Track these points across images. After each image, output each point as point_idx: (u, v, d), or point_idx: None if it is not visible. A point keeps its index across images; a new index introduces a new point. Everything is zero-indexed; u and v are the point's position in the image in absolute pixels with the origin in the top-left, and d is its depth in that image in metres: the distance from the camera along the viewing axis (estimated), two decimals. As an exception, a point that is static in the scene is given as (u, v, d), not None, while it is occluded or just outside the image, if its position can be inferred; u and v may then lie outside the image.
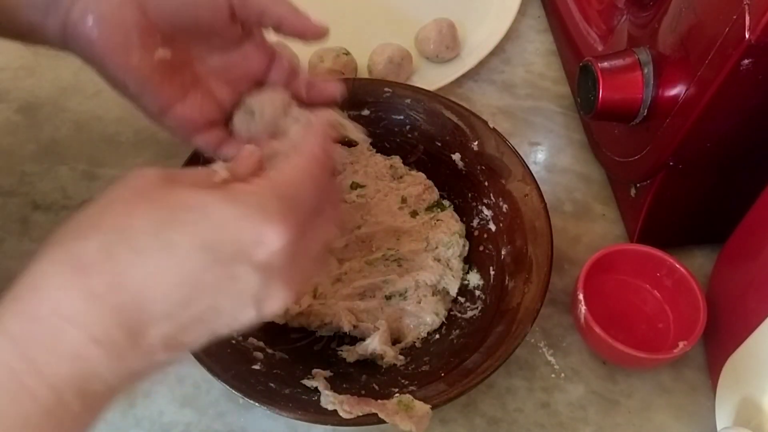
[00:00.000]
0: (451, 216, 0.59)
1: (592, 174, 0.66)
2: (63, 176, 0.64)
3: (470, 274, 0.57)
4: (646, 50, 0.52)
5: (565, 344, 0.56)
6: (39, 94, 0.69)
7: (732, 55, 0.43)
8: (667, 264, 0.55)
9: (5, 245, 0.60)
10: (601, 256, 0.54)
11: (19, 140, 0.66)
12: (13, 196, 0.63)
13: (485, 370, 0.47)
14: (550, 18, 0.76)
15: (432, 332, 0.55)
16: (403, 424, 0.45)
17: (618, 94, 0.52)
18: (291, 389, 0.48)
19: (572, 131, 0.68)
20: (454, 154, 0.59)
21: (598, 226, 0.63)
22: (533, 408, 0.53)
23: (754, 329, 0.46)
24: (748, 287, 0.49)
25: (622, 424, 0.53)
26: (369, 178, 0.59)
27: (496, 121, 0.59)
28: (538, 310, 0.49)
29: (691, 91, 0.47)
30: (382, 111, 0.60)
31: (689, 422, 0.53)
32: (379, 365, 0.52)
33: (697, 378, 0.55)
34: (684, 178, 0.53)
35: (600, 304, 0.53)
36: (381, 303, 0.54)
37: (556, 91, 0.71)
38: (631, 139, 0.56)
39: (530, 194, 0.54)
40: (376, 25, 0.75)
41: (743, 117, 0.48)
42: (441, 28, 0.70)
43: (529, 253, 0.53)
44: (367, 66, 0.70)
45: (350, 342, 0.54)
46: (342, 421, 0.45)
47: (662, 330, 0.55)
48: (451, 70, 0.70)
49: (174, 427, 0.52)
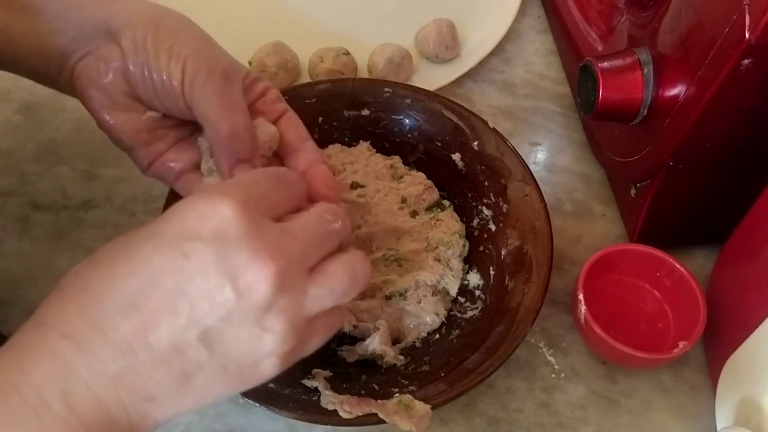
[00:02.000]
0: (451, 216, 0.59)
1: (592, 174, 0.66)
2: (63, 176, 0.64)
3: (470, 274, 0.57)
4: (646, 50, 0.52)
5: (565, 344, 0.56)
6: (39, 94, 0.69)
7: (732, 55, 0.43)
8: (667, 264, 0.55)
9: (5, 245, 0.60)
10: (601, 256, 0.54)
11: (19, 140, 0.66)
12: (13, 196, 0.63)
13: (485, 370, 0.47)
14: (550, 18, 0.76)
15: (432, 332, 0.54)
16: (403, 424, 0.45)
17: (618, 94, 0.52)
18: (291, 389, 0.48)
19: (572, 131, 0.68)
20: (454, 154, 0.59)
21: (598, 226, 0.63)
22: (533, 408, 0.53)
23: (754, 329, 0.46)
24: (748, 287, 0.49)
25: (622, 424, 0.53)
26: (369, 178, 0.59)
27: (496, 121, 0.59)
28: (538, 310, 0.49)
29: (691, 91, 0.47)
30: (382, 111, 0.60)
31: (689, 422, 0.53)
32: (379, 365, 0.52)
33: (697, 378, 0.55)
34: (684, 178, 0.53)
35: (600, 304, 0.53)
36: (381, 303, 0.54)
37: (556, 91, 0.71)
38: (631, 139, 0.56)
39: (530, 194, 0.54)
40: (376, 25, 0.75)
41: (743, 117, 0.48)
42: (441, 28, 0.70)
43: (529, 253, 0.53)
44: (367, 66, 0.70)
45: (350, 342, 0.54)
46: (342, 421, 0.45)
47: (662, 330, 0.55)
48: (451, 70, 0.70)
49: (174, 427, 0.52)
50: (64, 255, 0.60)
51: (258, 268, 0.32)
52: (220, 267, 0.32)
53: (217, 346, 0.33)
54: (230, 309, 0.32)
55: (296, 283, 0.34)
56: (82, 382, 0.31)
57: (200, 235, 0.32)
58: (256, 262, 0.32)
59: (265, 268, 0.32)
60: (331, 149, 0.60)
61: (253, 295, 0.32)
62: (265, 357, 0.34)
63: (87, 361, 0.31)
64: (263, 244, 0.32)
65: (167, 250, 0.32)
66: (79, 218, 0.62)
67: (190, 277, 0.32)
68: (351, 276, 0.36)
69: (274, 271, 0.32)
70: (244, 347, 0.33)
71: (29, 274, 0.59)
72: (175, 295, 0.32)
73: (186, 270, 0.32)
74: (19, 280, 0.58)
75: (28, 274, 0.59)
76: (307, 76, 0.69)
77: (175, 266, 0.32)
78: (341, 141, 0.61)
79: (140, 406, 0.32)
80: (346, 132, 0.61)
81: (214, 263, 0.32)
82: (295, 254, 0.34)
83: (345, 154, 0.60)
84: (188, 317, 0.32)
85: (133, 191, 0.63)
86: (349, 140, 0.61)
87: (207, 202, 0.33)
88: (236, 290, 0.32)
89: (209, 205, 0.33)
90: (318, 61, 0.68)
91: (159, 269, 0.32)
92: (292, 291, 0.33)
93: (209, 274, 0.32)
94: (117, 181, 0.63)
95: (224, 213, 0.32)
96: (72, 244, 0.60)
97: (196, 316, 0.32)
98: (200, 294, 0.32)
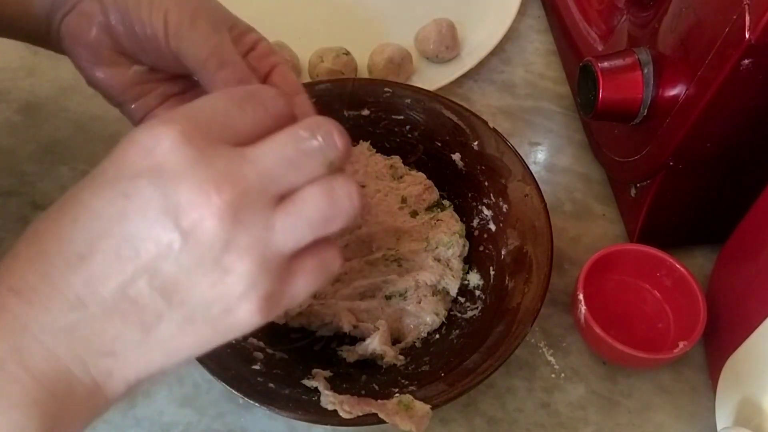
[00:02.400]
0: (451, 216, 0.59)
1: (592, 174, 0.66)
2: (63, 176, 0.64)
3: (470, 274, 0.57)
4: (646, 50, 0.52)
5: (565, 344, 0.56)
6: (39, 94, 0.69)
7: (732, 55, 0.43)
8: (667, 264, 0.55)
9: (5, 245, 0.60)
10: (601, 256, 0.54)
11: (19, 140, 0.66)
12: (13, 196, 0.63)
13: (485, 370, 0.47)
14: (550, 18, 0.76)
15: (432, 332, 0.54)
16: (403, 424, 0.45)
17: (618, 94, 0.52)
18: (291, 389, 0.48)
19: (572, 131, 0.68)
20: (454, 154, 0.59)
21: (598, 226, 0.63)
22: (533, 408, 0.53)
23: (755, 329, 0.46)
24: (748, 287, 0.49)
25: (622, 424, 0.53)
26: (369, 178, 0.59)
27: (496, 121, 0.59)
28: (538, 310, 0.49)
29: (691, 91, 0.47)
30: (382, 111, 0.60)
31: (689, 422, 0.53)
32: (379, 365, 0.52)
33: (697, 378, 0.55)
34: (684, 178, 0.53)
35: (600, 304, 0.53)
36: (381, 303, 0.54)
37: (556, 91, 0.71)
38: (631, 139, 0.56)
39: (530, 194, 0.54)
40: (376, 25, 0.75)
41: (743, 117, 0.48)
42: (441, 28, 0.70)
43: (529, 253, 0.53)
44: (367, 66, 0.70)
45: (350, 342, 0.54)
46: (342, 421, 0.45)
47: (662, 330, 0.55)
48: (451, 70, 0.70)
49: (174, 427, 0.52)
50: (64, 255, 0.60)
51: (202, 201, 0.28)
52: (162, 204, 0.28)
53: (174, 295, 0.29)
54: (178, 251, 0.29)
55: (257, 215, 0.29)
56: (33, 337, 0.29)
57: (140, 171, 0.29)
58: (200, 195, 0.28)
59: (210, 201, 0.28)
60: (331, 149, 0.60)
61: (200, 234, 0.29)
62: (237, 303, 0.30)
63: (35, 314, 0.29)
64: (209, 175, 0.28)
65: (106, 192, 0.29)
66: (79, 218, 0.62)
67: (131, 219, 0.29)
68: (329, 199, 0.31)
69: (223, 203, 0.28)
70: (207, 293, 0.30)
71: (29, 274, 0.59)
72: (118, 240, 0.29)
73: (127, 211, 0.29)
74: (19, 280, 0.58)
75: (28, 274, 0.59)
76: (307, 76, 0.69)
77: (116, 209, 0.29)
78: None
79: (101, 362, 0.30)
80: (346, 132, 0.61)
81: (155, 201, 0.28)
82: (253, 182, 0.29)
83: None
84: (135, 264, 0.29)
85: (133, 191, 0.63)
86: (349, 140, 0.61)
87: (148, 133, 0.29)
88: (180, 229, 0.28)
89: (150, 136, 0.29)
90: (318, 61, 0.68)
91: (99, 213, 0.29)
92: (251, 224, 0.29)
93: (150, 213, 0.28)
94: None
95: (165, 144, 0.29)
96: (72, 244, 0.60)
97: (142, 262, 0.29)
98: (144, 237, 0.29)
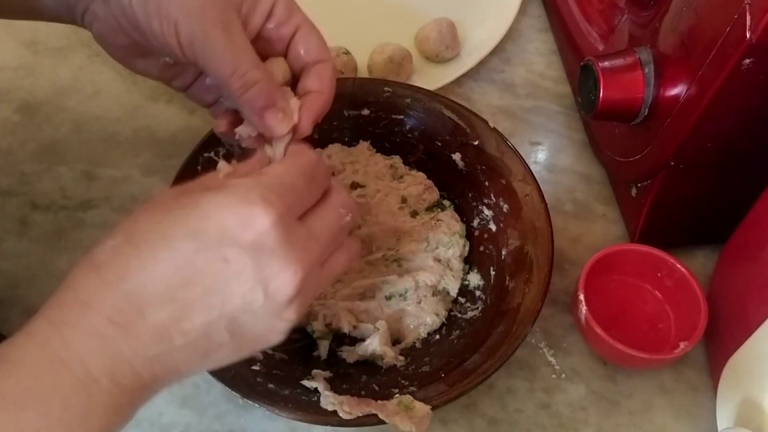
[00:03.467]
0: (452, 216, 0.59)
1: (593, 174, 0.65)
2: (62, 176, 0.64)
3: (470, 275, 0.57)
4: (646, 50, 0.52)
5: (566, 344, 0.56)
6: (38, 94, 0.69)
7: (733, 55, 0.43)
8: (668, 264, 0.55)
9: (4, 245, 0.60)
10: (602, 256, 0.54)
11: (18, 140, 0.66)
12: (12, 195, 0.63)
13: (485, 371, 0.47)
14: (550, 17, 0.76)
15: (432, 333, 0.54)
16: (403, 425, 0.45)
17: (619, 94, 0.52)
18: (291, 390, 0.48)
19: (573, 131, 0.68)
20: (454, 154, 0.59)
21: (599, 226, 0.63)
22: (534, 408, 0.53)
23: (755, 329, 0.46)
24: (749, 287, 0.49)
25: (622, 424, 0.53)
26: (369, 178, 0.59)
27: (497, 121, 0.59)
28: (538, 310, 0.49)
29: (691, 91, 0.47)
30: (382, 111, 0.60)
31: (690, 423, 0.53)
32: (379, 366, 0.52)
33: (697, 378, 0.55)
34: (685, 178, 0.53)
35: (600, 305, 0.53)
36: (381, 303, 0.54)
37: (556, 91, 0.71)
38: (631, 138, 0.55)
39: (531, 194, 0.54)
40: (376, 25, 0.75)
41: (744, 117, 0.48)
42: (441, 27, 0.70)
43: (529, 253, 0.53)
44: (367, 66, 0.69)
45: (350, 342, 0.54)
46: (342, 421, 0.45)
47: (663, 330, 0.55)
48: (451, 70, 0.70)
49: (173, 427, 0.52)
50: (63, 255, 0.60)
51: (288, 275, 0.37)
52: (256, 273, 0.36)
53: (238, 332, 0.37)
54: (258, 306, 0.37)
55: (313, 282, 0.39)
56: (125, 360, 0.35)
57: (240, 242, 0.36)
58: (287, 271, 0.37)
59: (294, 276, 0.37)
60: (331, 149, 0.60)
61: (279, 297, 0.37)
62: (274, 336, 0.39)
63: (131, 344, 0.35)
64: (294, 255, 0.37)
65: (209, 253, 0.36)
66: (78, 218, 0.62)
67: (227, 279, 0.36)
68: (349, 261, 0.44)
69: (301, 277, 0.37)
70: (261, 331, 0.38)
71: (28, 274, 0.59)
72: (212, 292, 0.36)
73: (224, 273, 0.36)
74: (19, 280, 0.58)
75: (28, 274, 0.59)
76: (307, 76, 0.69)
77: (215, 268, 0.36)
78: (341, 141, 0.61)
79: (167, 376, 0.37)
80: (346, 132, 0.61)
81: (251, 269, 0.36)
82: (316, 257, 0.39)
83: (345, 154, 0.60)
84: (220, 311, 0.36)
85: (133, 191, 0.63)
86: (349, 140, 0.61)
87: (248, 210, 0.36)
88: (266, 293, 0.37)
89: (250, 214, 0.36)
90: (318, 60, 0.67)
91: (200, 269, 0.36)
92: (309, 289, 0.39)
93: (245, 278, 0.36)
94: (116, 182, 0.63)
95: (263, 224, 0.36)
96: (71, 244, 0.60)
97: (227, 311, 0.36)
98: (234, 293, 0.36)
